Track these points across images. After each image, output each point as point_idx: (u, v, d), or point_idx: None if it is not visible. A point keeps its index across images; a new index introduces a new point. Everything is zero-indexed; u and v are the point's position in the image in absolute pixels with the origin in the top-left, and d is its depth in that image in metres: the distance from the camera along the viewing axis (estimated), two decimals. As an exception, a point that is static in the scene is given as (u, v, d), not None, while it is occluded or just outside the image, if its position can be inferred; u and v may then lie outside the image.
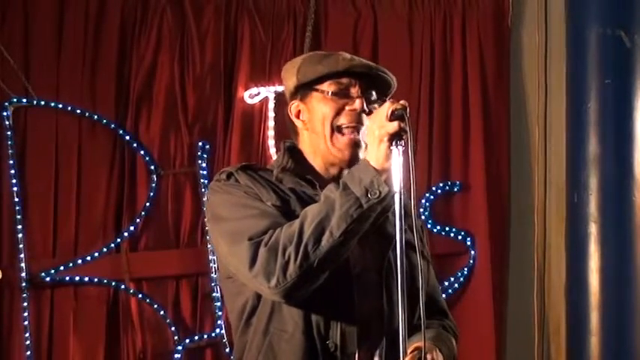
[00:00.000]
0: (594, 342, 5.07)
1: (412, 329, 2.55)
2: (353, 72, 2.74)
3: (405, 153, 2.49)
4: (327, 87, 2.73)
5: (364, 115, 2.68)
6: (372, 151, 2.52)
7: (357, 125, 2.69)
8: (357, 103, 2.70)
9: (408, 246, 2.53)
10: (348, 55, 2.77)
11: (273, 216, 2.59)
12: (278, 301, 2.58)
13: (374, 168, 2.50)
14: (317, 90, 2.75)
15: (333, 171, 2.77)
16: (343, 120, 2.70)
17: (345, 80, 2.73)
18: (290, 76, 2.81)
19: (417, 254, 2.56)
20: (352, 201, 2.48)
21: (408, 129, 2.48)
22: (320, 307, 2.60)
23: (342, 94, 2.72)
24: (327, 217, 2.47)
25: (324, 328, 2.60)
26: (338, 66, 2.73)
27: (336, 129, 2.71)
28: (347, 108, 2.71)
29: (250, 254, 2.51)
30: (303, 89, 2.78)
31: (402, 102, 2.51)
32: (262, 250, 2.50)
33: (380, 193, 2.47)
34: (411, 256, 2.61)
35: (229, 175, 2.73)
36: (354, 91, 2.73)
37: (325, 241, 2.46)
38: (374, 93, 2.75)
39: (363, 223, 2.50)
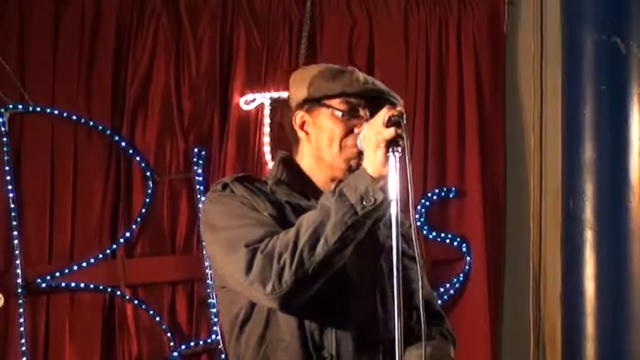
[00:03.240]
0: (590, 348, 5.07)
1: (408, 335, 2.52)
2: (365, 94, 2.72)
3: (402, 159, 2.48)
4: (338, 105, 2.71)
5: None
6: (369, 158, 2.52)
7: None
8: None
9: (402, 252, 2.53)
10: (361, 76, 2.75)
11: (270, 225, 2.59)
12: (274, 308, 2.57)
13: (370, 175, 2.49)
14: (326, 106, 2.73)
15: (330, 185, 2.75)
16: (351, 142, 2.68)
17: (355, 100, 2.71)
18: (300, 88, 2.78)
19: (417, 262, 2.56)
20: (347, 208, 2.48)
21: (404, 135, 2.48)
22: (316, 315, 2.59)
23: (352, 115, 2.71)
24: (322, 225, 2.47)
25: (319, 337, 2.60)
26: (352, 87, 2.71)
27: (343, 147, 2.70)
28: (355, 130, 2.69)
29: (246, 261, 2.51)
30: (312, 103, 2.75)
31: (398, 108, 2.52)
32: (258, 257, 2.50)
33: (375, 200, 2.47)
34: (405, 261, 2.61)
35: (225, 186, 2.72)
36: (363, 113, 2.71)
37: (320, 249, 2.46)
38: None
39: (359, 230, 2.50)
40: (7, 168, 4.89)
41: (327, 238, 2.47)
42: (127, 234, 5.05)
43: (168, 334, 5.03)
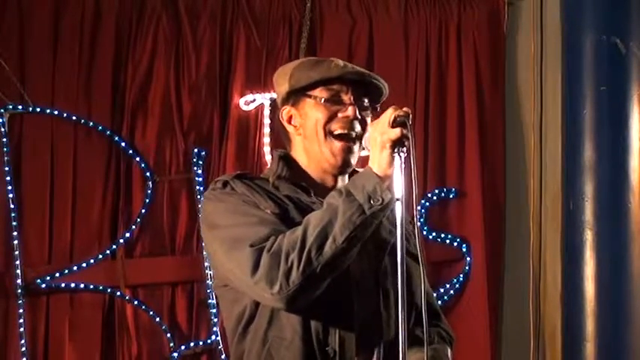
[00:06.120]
0: (589, 348, 5.08)
1: (409, 335, 2.52)
2: (345, 78, 2.75)
3: (407, 160, 2.49)
4: (320, 93, 2.74)
5: (356, 122, 2.70)
6: (375, 158, 2.53)
7: (349, 132, 2.71)
8: (350, 110, 2.71)
9: (406, 251, 2.53)
10: (340, 62, 2.78)
11: (273, 223, 2.58)
12: (280, 308, 2.56)
13: (376, 175, 2.50)
14: (309, 96, 2.75)
15: (327, 179, 2.78)
16: (336, 126, 2.71)
17: (337, 86, 2.74)
18: (282, 82, 2.82)
19: (420, 262, 2.56)
20: (355, 208, 2.48)
21: (410, 136, 2.48)
22: (319, 313, 2.59)
23: (335, 101, 2.73)
24: (331, 224, 2.47)
25: (322, 334, 2.59)
26: (330, 72, 2.74)
27: (329, 134, 2.72)
28: (339, 115, 2.72)
29: (253, 260, 2.49)
30: (296, 95, 2.78)
31: (404, 109, 2.52)
32: (265, 257, 2.48)
33: (383, 200, 2.47)
34: (408, 261, 2.61)
35: (225, 184, 2.72)
36: (347, 97, 2.74)
37: (328, 248, 2.46)
38: (366, 100, 2.77)
39: (366, 229, 2.50)
40: (7, 168, 4.89)
41: (336, 237, 2.46)
42: (127, 234, 5.04)
43: (168, 335, 5.03)
